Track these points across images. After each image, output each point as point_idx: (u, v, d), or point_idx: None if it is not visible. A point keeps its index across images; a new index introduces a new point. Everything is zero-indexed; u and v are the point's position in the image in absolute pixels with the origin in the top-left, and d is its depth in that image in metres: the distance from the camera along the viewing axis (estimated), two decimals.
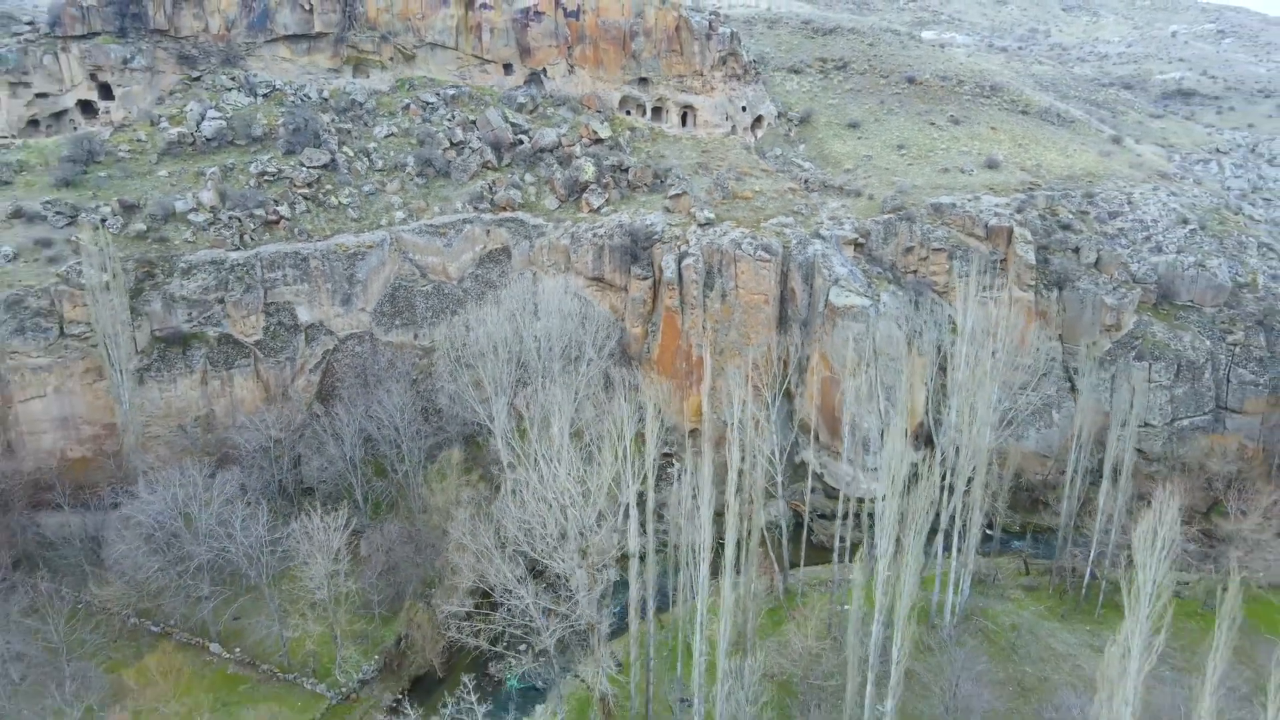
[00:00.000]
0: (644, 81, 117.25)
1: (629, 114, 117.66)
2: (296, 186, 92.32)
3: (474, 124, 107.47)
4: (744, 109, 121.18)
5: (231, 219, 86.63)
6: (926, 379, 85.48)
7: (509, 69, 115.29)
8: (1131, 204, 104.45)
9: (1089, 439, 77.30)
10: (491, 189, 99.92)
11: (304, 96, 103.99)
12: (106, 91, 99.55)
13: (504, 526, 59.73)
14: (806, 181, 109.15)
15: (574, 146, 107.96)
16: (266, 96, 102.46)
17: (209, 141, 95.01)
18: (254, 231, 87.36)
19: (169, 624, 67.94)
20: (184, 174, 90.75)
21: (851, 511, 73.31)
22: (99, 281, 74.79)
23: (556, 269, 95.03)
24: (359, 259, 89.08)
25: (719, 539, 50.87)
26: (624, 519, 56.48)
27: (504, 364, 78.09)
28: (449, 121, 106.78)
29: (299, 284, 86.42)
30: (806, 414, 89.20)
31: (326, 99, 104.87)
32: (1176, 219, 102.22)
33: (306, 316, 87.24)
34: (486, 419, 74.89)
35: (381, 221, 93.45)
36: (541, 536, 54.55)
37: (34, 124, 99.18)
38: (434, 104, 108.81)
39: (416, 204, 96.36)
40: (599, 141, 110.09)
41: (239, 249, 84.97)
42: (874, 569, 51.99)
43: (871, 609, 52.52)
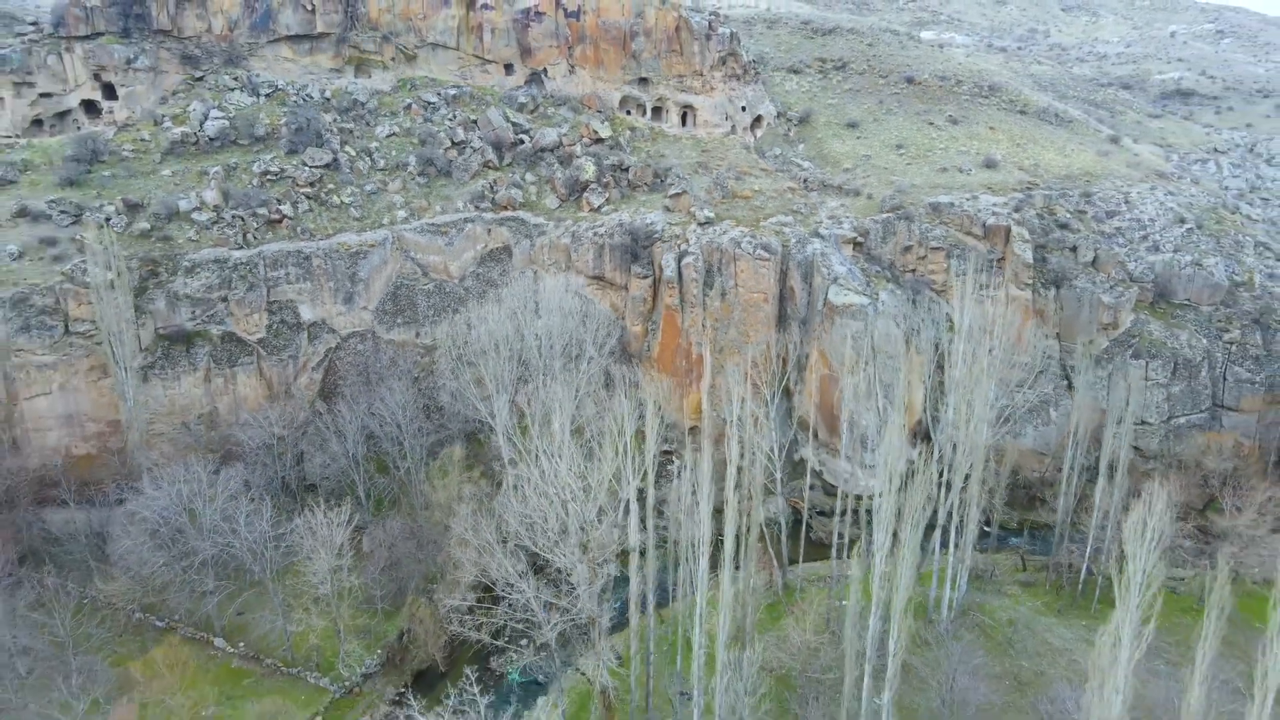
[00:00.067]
0: (644, 81, 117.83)
1: (629, 114, 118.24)
2: (299, 186, 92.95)
3: (475, 124, 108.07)
4: (743, 109, 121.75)
5: (235, 218, 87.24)
6: (924, 377, 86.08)
7: (510, 69, 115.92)
8: (1129, 203, 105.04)
9: (1086, 436, 77.93)
10: (493, 188, 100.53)
11: (306, 96, 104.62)
12: (110, 91, 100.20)
13: (505, 522, 60.31)
14: (805, 181, 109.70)
15: (574, 146, 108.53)
16: (269, 96, 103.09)
17: (212, 141, 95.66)
18: (257, 230, 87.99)
19: (174, 619, 68.58)
20: (187, 173, 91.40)
21: (850, 508, 73.86)
22: (103, 280, 75.41)
23: (557, 268, 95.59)
24: (361, 258, 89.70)
25: (718, 534, 51.39)
26: (624, 515, 57.06)
27: (505, 362, 78.64)
28: (450, 121, 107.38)
29: (301, 282, 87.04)
30: (805, 411, 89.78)
31: (329, 99, 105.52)
32: (1174, 218, 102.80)
33: (309, 315, 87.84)
34: (488, 416, 75.50)
35: (383, 220, 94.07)
36: (543, 531, 55.10)
37: (38, 124, 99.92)
38: (435, 104, 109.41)
39: (418, 203, 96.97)
40: (599, 141, 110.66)
41: (242, 248, 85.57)
42: (871, 564, 52.59)
43: (869, 603, 53.16)
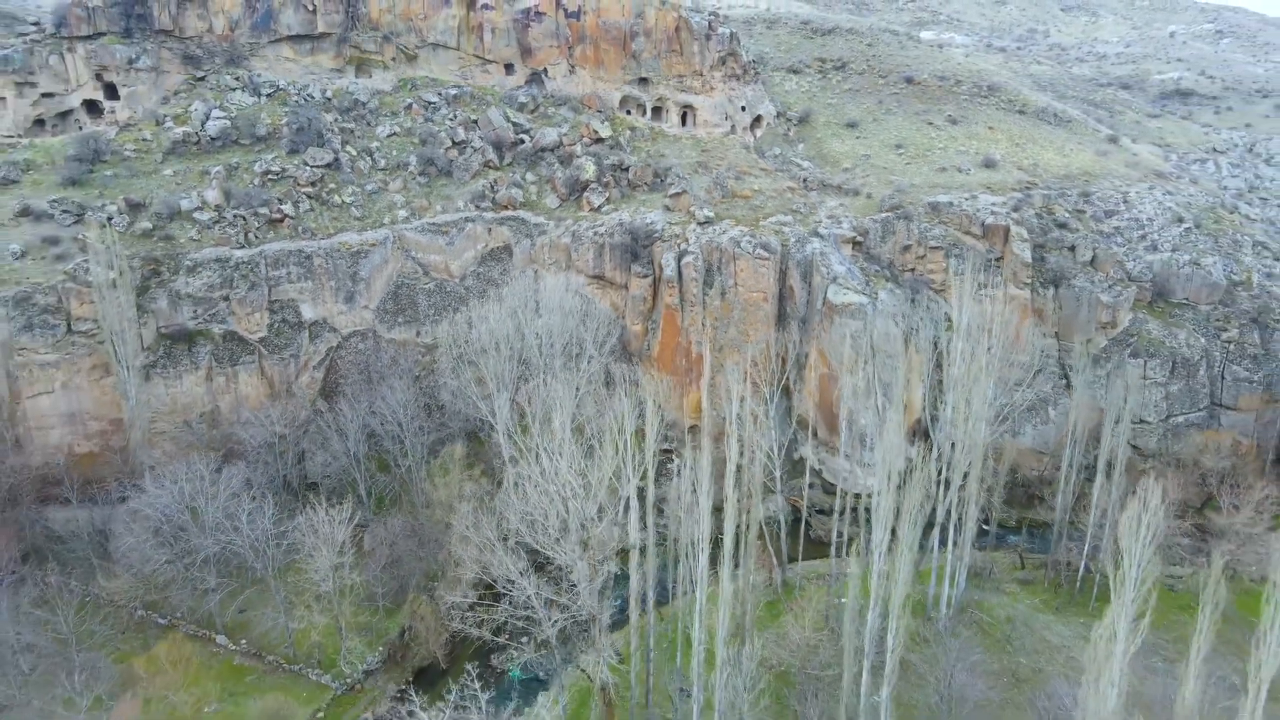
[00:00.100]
0: (644, 81, 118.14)
1: (629, 114, 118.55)
2: (300, 185, 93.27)
3: (476, 123, 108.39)
4: (743, 109, 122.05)
5: (236, 217, 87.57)
6: (923, 375, 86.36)
7: (510, 69, 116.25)
8: (1127, 203, 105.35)
9: (1084, 435, 78.25)
10: (493, 188, 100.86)
11: (307, 96, 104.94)
12: (112, 91, 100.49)
13: (506, 519, 60.60)
14: (805, 180, 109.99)
15: (575, 146, 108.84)
16: (270, 96, 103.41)
17: (214, 141, 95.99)
18: (258, 230, 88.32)
19: (176, 616, 68.92)
20: (189, 173, 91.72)
21: (849, 507, 74.04)
22: (106, 279, 75.73)
23: (558, 267, 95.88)
24: (362, 257, 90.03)
25: (718, 532, 51.69)
26: (624, 512, 57.34)
27: (506, 360, 78.97)
28: (451, 121, 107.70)
29: (303, 282, 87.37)
30: (805, 410, 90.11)
31: (330, 99, 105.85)
32: (1172, 218, 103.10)
33: (310, 314, 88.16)
34: (489, 414, 75.79)
35: (384, 220, 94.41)
36: (544, 529, 55.39)
37: (40, 124, 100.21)
38: (436, 104, 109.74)
39: (419, 202, 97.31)
40: (599, 141, 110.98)
41: (244, 247, 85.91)
42: (870, 561, 52.90)
43: (868, 600, 53.47)
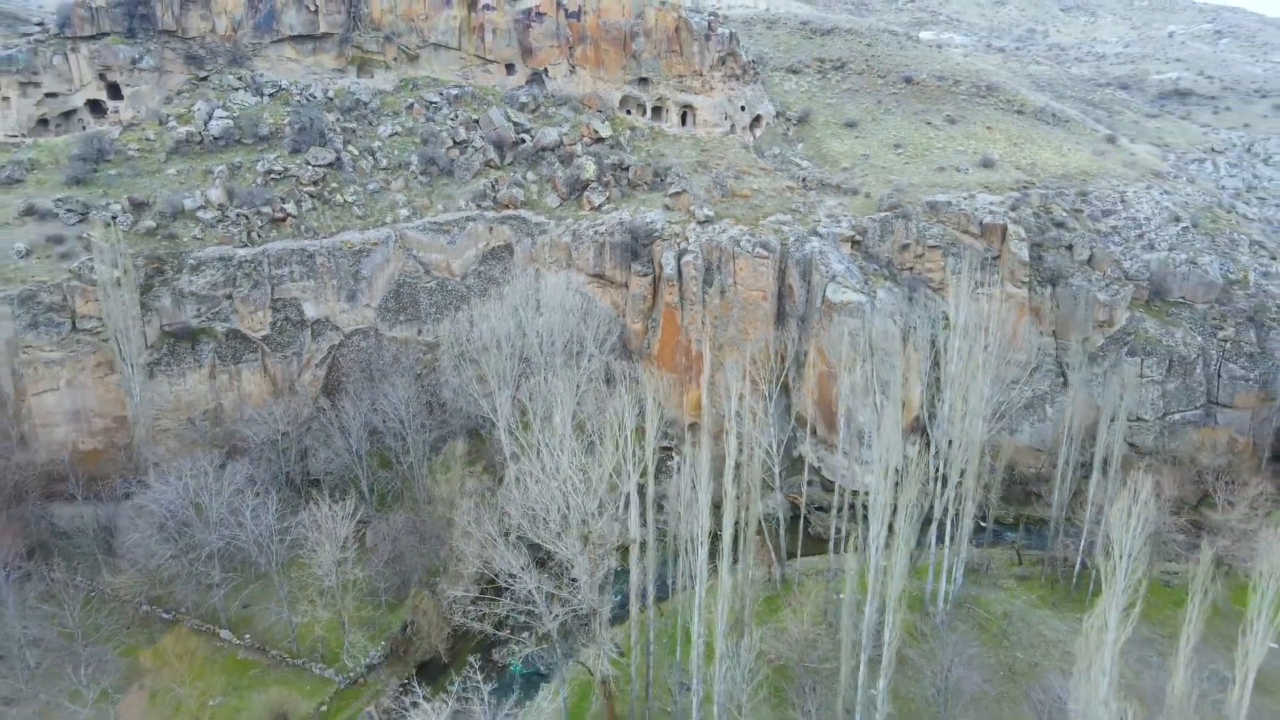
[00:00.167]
0: (644, 81, 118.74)
1: (629, 113, 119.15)
2: (303, 184, 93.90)
3: (477, 123, 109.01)
4: (743, 108, 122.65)
5: (239, 216, 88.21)
6: (921, 373, 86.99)
7: (511, 69, 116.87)
8: (1125, 202, 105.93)
9: (1081, 432, 78.89)
10: (494, 187, 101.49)
11: (309, 96, 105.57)
12: (115, 91, 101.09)
13: (508, 515, 61.21)
14: (804, 180, 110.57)
15: (575, 145, 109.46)
16: (273, 96, 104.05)
17: (216, 140, 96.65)
18: (261, 229, 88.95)
19: (180, 611, 69.57)
20: (192, 172, 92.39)
21: (847, 503, 74.67)
22: (110, 277, 76.38)
23: (558, 265, 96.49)
24: (364, 256, 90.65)
25: (717, 528, 52.31)
26: (625, 508, 57.96)
27: (507, 358, 79.53)
28: (452, 121, 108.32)
29: (305, 280, 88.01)
30: (803, 408, 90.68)
31: (332, 99, 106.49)
32: (1169, 217, 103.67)
33: (313, 312, 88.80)
34: (490, 411, 76.45)
35: (386, 219, 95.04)
36: (545, 524, 56.00)
37: (44, 123, 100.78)
38: (437, 103, 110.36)
39: (420, 202, 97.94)
40: (600, 140, 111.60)
41: (246, 246, 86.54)
42: (867, 557, 53.52)
43: (865, 595, 54.10)
